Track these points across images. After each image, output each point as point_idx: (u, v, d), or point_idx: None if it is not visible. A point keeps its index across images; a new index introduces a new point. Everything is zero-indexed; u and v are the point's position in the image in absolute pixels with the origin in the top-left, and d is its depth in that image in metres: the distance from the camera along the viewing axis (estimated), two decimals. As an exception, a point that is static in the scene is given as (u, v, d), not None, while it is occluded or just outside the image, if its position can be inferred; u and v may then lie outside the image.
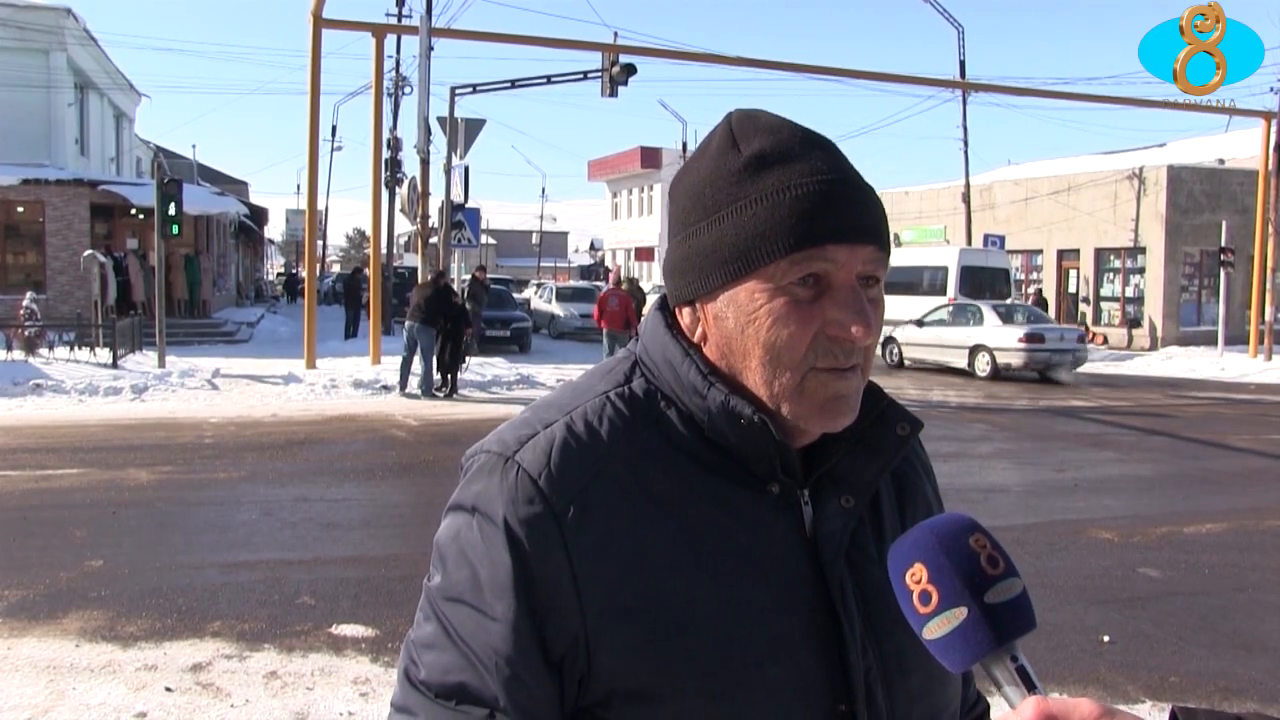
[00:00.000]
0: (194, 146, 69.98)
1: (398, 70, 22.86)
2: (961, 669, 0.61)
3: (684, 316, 0.79)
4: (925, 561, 0.61)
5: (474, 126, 15.52)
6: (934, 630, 0.60)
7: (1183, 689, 3.62)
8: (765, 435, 0.73)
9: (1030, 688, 0.59)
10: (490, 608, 0.71)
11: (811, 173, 0.72)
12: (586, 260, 56.32)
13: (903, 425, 0.79)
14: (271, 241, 51.97)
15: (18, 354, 13.55)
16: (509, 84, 15.89)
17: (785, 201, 0.71)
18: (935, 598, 0.60)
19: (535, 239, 55.23)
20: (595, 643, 0.71)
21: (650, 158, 43.47)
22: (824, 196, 0.71)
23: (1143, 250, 22.98)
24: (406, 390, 11.92)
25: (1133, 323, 23.32)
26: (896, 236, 27.59)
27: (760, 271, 0.72)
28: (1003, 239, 23.60)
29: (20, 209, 19.17)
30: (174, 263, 18.95)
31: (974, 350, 16.05)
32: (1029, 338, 15.36)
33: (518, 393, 12.79)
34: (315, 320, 14.40)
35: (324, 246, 46.67)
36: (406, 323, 11.91)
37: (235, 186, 36.08)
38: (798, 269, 0.71)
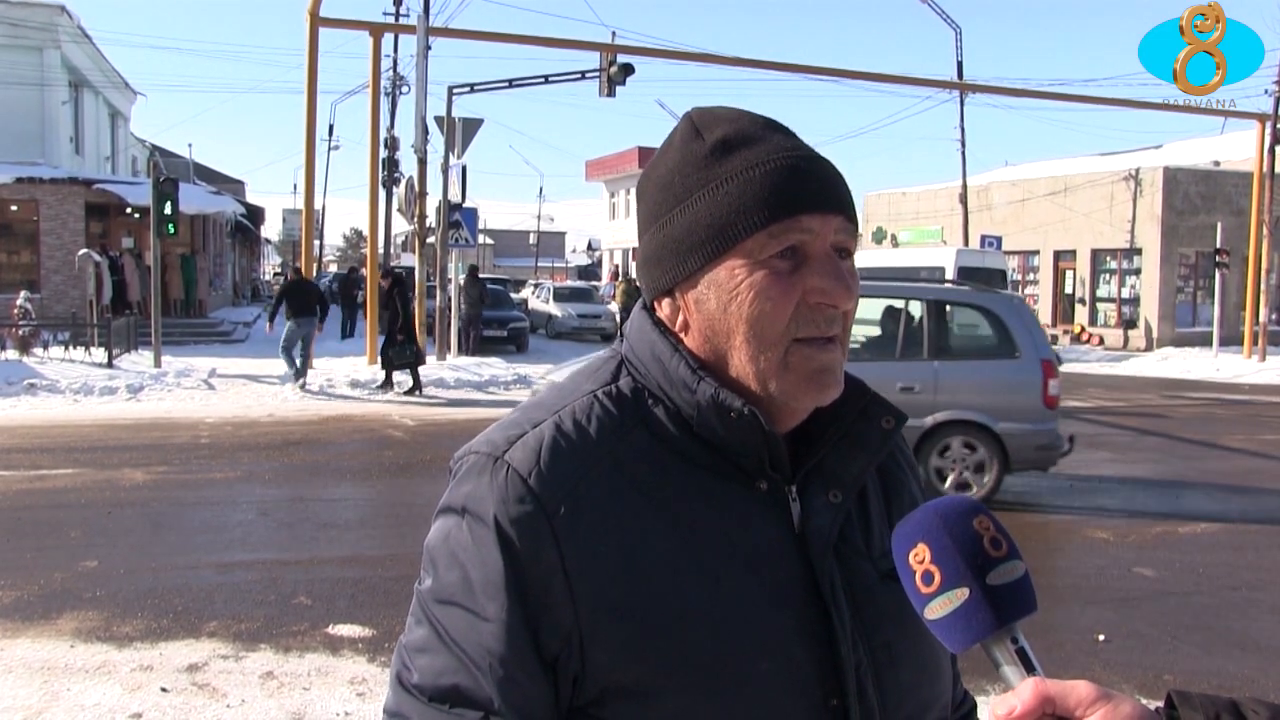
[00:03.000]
0: (190, 145, 69.85)
1: (395, 69, 22.85)
2: (962, 649, 0.61)
3: (664, 308, 0.79)
4: (929, 542, 0.62)
5: (471, 126, 15.49)
6: (935, 610, 0.61)
7: (1177, 687, 3.63)
8: (755, 427, 0.74)
9: (1029, 669, 0.59)
10: (483, 609, 0.71)
11: (778, 150, 0.74)
12: (584, 260, 56.35)
13: (887, 419, 0.80)
14: (268, 241, 51.83)
15: (12, 353, 13.52)
16: (507, 83, 15.88)
17: (756, 177, 0.73)
18: (938, 578, 0.61)
19: (533, 239, 55.21)
20: (588, 641, 0.71)
21: (648, 158, 42.04)
22: (793, 170, 0.73)
23: (1139, 251, 23.03)
24: (304, 383, 11.97)
25: (1128, 323, 23.38)
26: (894, 237, 27.65)
27: (738, 248, 0.73)
28: (1000, 240, 23.61)
29: (14, 208, 19.10)
30: (170, 262, 18.90)
31: None
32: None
33: (514, 393, 12.78)
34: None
35: (321, 246, 46.56)
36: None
37: (232, 186, 35.97)
38: (775, 242, 0.72)
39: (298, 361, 12.03)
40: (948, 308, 6.89)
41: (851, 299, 0.74)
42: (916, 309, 6.82)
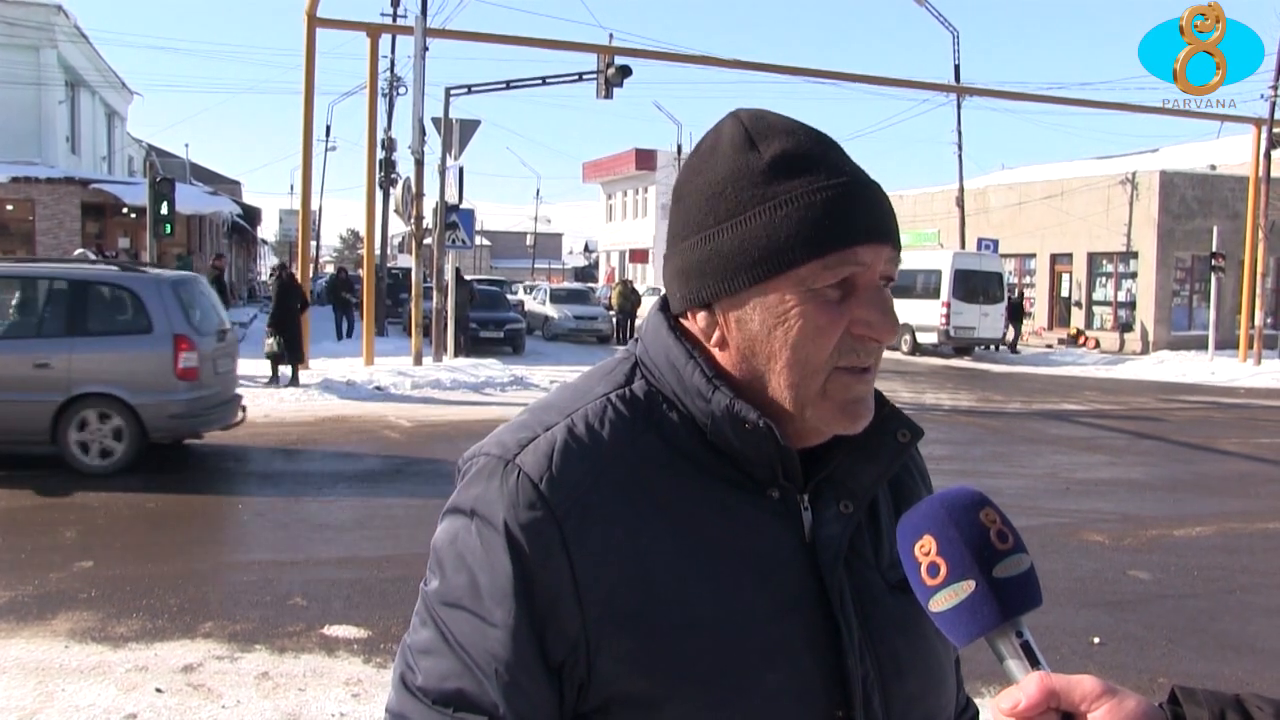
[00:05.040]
0: (187, 145, 69.76)
1: (392, 70, 22.83)
2: (967, 642, 0.61)
3: (698, 320, 0.77)
4: (935, 533, 0.61)
5: (468, 127, 15.48)
6: (941, 603, 0.60)
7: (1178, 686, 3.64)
8: (769, 440, 0.73)
9: (1034, 663, 0.59)
10: (489, 614, 0.70)
11: (837, 174, 0.73)
12: (581, 262, 56.41)
13: (903, 432, 0.79)
14: (265, 241, 51.73)
15: (8, 353, 13.46)
16: (504, 85, 15.89)
17: (817, 203, 0.71)
18: (943, 570, 0.60)
19: (530, 240, 55.25)
20: (595, 648, 0.70)
21: (645, 160, 43.47)
22: (853, 199, 0.72)
23: (1135, 255, 23.10)
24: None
25: (1124, 327, 23.44)
26: (891, 240, 27.62)
27: (791, 273, 0.71)
28: (996, 243, 23.69)
29: (10, 207, 19.07)
30: (166, 262, 18.84)
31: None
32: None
33: (511, 394, 12.77)
34: (308, 321, 14.35)
35: (318, 247, 46.48)
36: None
37: (228, 186, 35.94)
38: (830, 273, 0.71)
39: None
40: (90, 287, 7.32)
41: (895, 334, 0.74)
42: (56, 288, 7.26)
